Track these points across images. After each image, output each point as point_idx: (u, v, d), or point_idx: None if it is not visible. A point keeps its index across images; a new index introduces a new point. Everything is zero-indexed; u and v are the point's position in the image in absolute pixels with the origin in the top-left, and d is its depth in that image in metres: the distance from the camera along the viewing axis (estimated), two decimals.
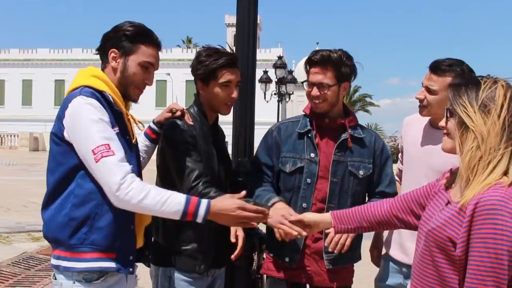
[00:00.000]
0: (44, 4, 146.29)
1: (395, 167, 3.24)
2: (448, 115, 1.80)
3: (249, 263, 2.84)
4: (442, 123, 1.83)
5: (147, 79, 2.28)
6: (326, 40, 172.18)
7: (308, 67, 2.71)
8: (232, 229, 2.58)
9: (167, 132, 2.60)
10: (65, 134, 2.08)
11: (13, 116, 56.99)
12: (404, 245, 2.74)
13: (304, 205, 2.67)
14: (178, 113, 2.64)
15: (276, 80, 24.16)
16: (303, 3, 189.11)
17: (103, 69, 2.26)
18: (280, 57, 23.80)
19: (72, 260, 2.10)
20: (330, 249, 2.56)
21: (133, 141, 2.28)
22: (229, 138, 3.00)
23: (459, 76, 2.55)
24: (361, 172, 2.71)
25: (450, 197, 1.81)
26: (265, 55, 50.15)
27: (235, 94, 2.66)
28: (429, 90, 2.63)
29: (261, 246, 2.86)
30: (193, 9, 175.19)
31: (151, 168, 2.72)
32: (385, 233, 3.12)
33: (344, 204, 2.66)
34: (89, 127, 2.04)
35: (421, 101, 2.69)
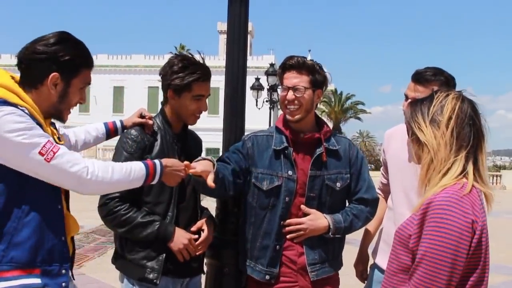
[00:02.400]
0: (39, 10, 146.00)
1: (377, 179, 3.23)
2: (408, 131, 1.93)
3: (238, 271, 2.81)
4: (409, 139, 1.94)
5: (82, 98, 2.17)
6: (318, 48, 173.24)
7: (282, 72, 2.69)
8: (176, 248, 2.57)
9: (119, 141, 2.62)
10: None
11: None
12: None
13: (282, 222, 2.64)
14: (148, 120, 2.66)
15: (268, 87, 24.18)
16: (295, 11, 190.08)
17: (28, 90, 2.04)
18: (272, 65, 23.82)
19: None
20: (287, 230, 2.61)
21: None
22: (219, 145, 2.99)
23: (444, 85, 2.60)
24: (338, 185, 2.69)
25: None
26: (257, 62, 50.23)
27: (205, 107, 2.69)
28: None
29: None
30: (186, 16, 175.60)
31: None
32: (373, 244, 3.12)
33: None
34: (23, 133, 1.88)
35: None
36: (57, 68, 2.04)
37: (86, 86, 2.18)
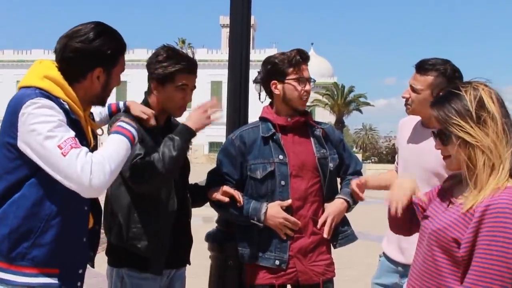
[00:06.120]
0: (40, 5, 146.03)
1: (392, 167, 3.27)
2: (439, 137, 1.76)
3: (240, 263, 2.83)
4: (437, 145, 1.80)
5: (119, 82, 2.22)
6: (321, 41, 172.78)
7: (298, 63, 2.72)
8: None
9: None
10: (19, 143, 1.90)
11: None
12: (400, 245, 2.75)
13: (283, 207, 2.68)
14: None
15: None
16: (297, 4, 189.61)
17: (73, 84, 2.04)
18: None
19: (10, 273, 1.95)
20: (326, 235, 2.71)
21: (91, 146, 2.12)
22: (222, 139, 3.00)
23: (441, 76, 2.62)
24: (331, 165, 2.80)
25: (453, 199, 1.79)
26: (260, 56, 50.10)
27: (190, 98, 2.62)
28: (413, 89, 2.71)
29: None
30: (188, 10, 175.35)
31: None
32: (383, 236, 3.12)
33: (321, 197, 2.76)
34: (49, 125, 1.87)
35: (406, 99, 2.76)
36: (100, 63, 2.06)
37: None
